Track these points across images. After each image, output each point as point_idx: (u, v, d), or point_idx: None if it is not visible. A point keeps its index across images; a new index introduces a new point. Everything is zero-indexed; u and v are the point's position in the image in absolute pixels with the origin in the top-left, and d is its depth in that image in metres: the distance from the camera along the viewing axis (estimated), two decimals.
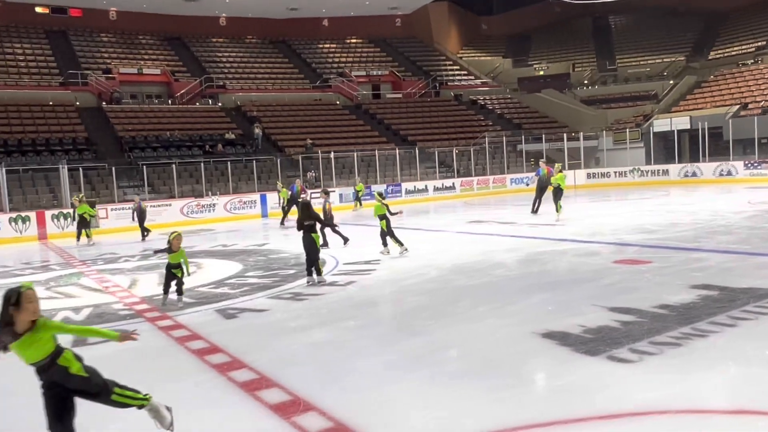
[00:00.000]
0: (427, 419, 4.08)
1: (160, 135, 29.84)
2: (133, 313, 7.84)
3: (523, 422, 3.91)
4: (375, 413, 4.19)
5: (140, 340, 6.54)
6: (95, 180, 25.49)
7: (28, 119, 28.86)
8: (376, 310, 7.54)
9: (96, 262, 13.65)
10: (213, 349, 5.98)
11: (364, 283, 9.07)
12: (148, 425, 3.91)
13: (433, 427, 3.93)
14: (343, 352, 5.74)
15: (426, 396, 4.48)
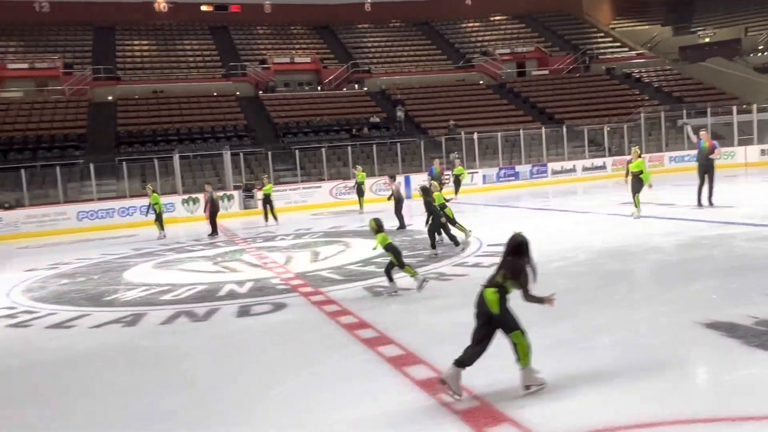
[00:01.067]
0: (579, 407, 3.96)
1: (311, 120, 31.35)
2: (289, 288, 8.39)
3: (682, 417, 3.66)
4: (523, 397, 4.14)
5: (296, 313, 7.05)
6: (253, 164, 27.42)
7: (196, 110, 31.66)
8: None
9: (255, 240, 14.76)
10: (362, 324, 6.24)
11: None
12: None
13: (585, 416, 3.81)
14: None
15: (575, 383, 4.35)
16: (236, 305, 7.57)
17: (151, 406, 4.53)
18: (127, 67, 35.67)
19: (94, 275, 10.99)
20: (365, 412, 4.12)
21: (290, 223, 17.97)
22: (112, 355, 6.03)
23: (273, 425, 4.02)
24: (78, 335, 6.85)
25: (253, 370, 5.19)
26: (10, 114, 29.29)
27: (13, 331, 7.25)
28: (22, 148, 26.62)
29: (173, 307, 7.72)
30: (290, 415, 4.15)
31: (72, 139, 27.69)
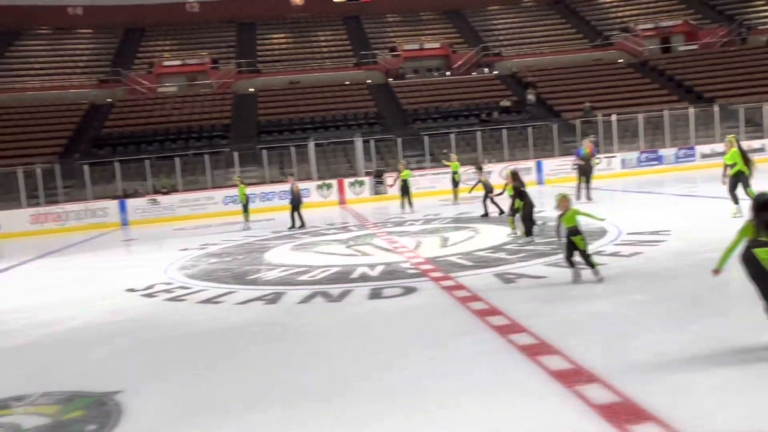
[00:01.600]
0: (744, 417, 3.60)
1: (440, 106, 31.28)
2: (419, 273, 8.46)
3: None
4: (671, 398, 3.86)
5: (426, 297, 7.10)
6: (383, 150, 27.92)
7: (329, 98, 32.76)
8: (664, 283, 6.91)
9: (385, 225, 15.05)
10: (493, 311, 6.15)
11: (652, 254, 8.39)
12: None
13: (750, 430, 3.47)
14: (629, 327, 5.41)
15: (738, 388, 3.96)
16: (368, 288, 7.77)
17: (289, 380, 4.77)
18: (266, 60, 37.67)
19: (238, 255, 11.79)
20: (495, 399, 4.06)
21: (419, 209, 18.11)
22: (255, 330, 6.42)
23: (403, 405, 4.08)
24: (225, 310, 7.39)
25: (385, 351, 5.30)
26: (165, 107, 32.08)
27: (170, 304, 7.97)
28: (176, 138, 29.08)
29: (310, 288, 8.08)
30: (420, 397, 4.19)
31: (218, 129, 29.81)
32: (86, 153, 27.53)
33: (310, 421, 3.96)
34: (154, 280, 9.76)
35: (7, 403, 4.62)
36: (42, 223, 22.61)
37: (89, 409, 4.41)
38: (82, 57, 37.98)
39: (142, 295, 8.64)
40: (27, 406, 4.54)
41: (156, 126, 29.99)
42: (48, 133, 29.30)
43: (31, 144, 28.02)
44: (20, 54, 38.06)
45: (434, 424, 3.77)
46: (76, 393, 4.75)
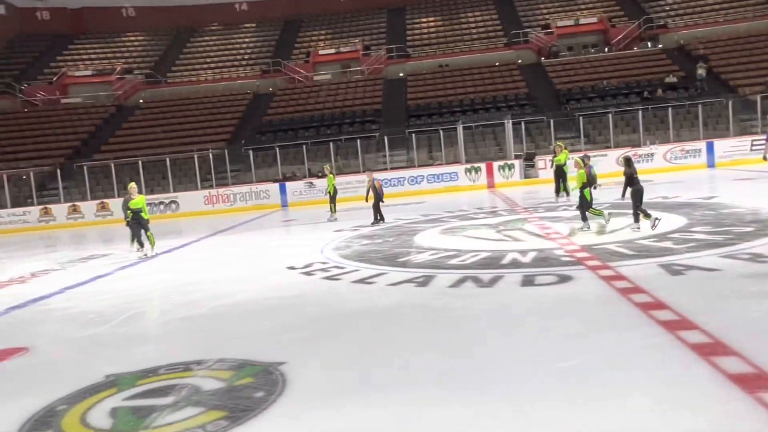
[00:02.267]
0: None
1: (596, 85, 29.62)
2: (574, 260, 8.10)
3: None
4: None
5: (582, 287, 6.78)
6: (534, 132, 27.06)
7: (478, 80, 32.32)
8: None
9: (537, 209, 14.59)
10: (658, 304, 5.72)
11: None
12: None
13: None
14: None
15: None
16: (520, 274, 7.59)
17: (435, 364, 4.80)
18: (416, 44, 37.97)
19: (389, 238, 12.08)
20: (665, 402, 3.77)
21: (573, 193, 17.31)
22: (406, 311, 6.54)
23: (557, 401, 3.93)
24: (377, 291, 7.61)
25: (538, 342, 5.15)
26: (321, 94, 33.60)
27: (327, 282, 8.37)
28: (330, 123, 30.39)
29: (460, 272, 8.07)
30: (575, 394, 4.01)
31: (369, 115, 30.67)
32: (251, 139, 29.69)
33: (458, 404, 3.95)
34: (312, 259, 10.32)
35: (189, 367, 5.14)
36: (213, 203, 24.83)
37: (258, 377, 4.77)
38: (247, 50, 40.88)
39: (301, 273, 9.17)
40: (205, 370, 5.01)
41: (312, 112, 31.54)
42: (219, 121, 32.02)
43: (205, 131, 30.80)
44: (195, 49, 41.84)
45: (591, 421, 3.59)
46: (246, 361, 5.16)
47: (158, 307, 8.07)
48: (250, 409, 4.15)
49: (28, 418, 4.32)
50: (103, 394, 4.68)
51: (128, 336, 6.62)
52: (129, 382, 4.88)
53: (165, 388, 4.67)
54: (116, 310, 7.73)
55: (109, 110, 35.04)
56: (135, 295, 8.75)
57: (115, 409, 4.35)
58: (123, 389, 4.74)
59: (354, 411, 4.04)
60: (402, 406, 4.03)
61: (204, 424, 3.95)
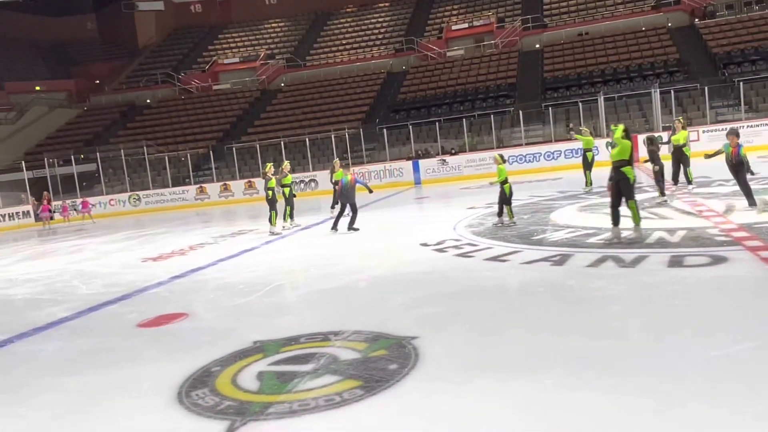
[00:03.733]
0: None
1: (760, 46, 26.59)
2: (731, 240, 7.41)
3: None
4: None
5: (740, 269, 6.20)
6: (686, 101, 24.97)
7: (622, 48, 30.32)
8: None
9: (685, 185, 13.48)
10: None
11: None
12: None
13: None
14: None
15: None
16: (667, 254, 7.08)
17: (569, 346, 4.62)
18: (553, 13, 36.33)
19: (524, 215, 11.79)
20: None
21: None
22: (541, 290, 6.37)
23: (705, 394, 3.63)
24: (511, 269, 7.47)
25: (685, 327, 4.79)
26: (453, 70, 33.29)
27: (460, 260, 8.36)
28: (463, 100, 30.07)
29: (599, 251, 7.69)
30: (728, 386, 3.68)
31: (503, 89, 29.94)
32: (385, 118, 30.21)
33: (591, 391, 3.79)
34: (445, 236, 10.34)
35: (327, 337, 5.40)
36: None
37: (391, 349, 4.90)
38: (381, 29, 41.42)
39: (434, 250, 9.23)
40: (342, 341, 5.23)
41: (445, 89, 31.37)
42: (354, 101, 32.91)
43: (342, 111, 31.81)
44: (332, 32, 43.16)
45: (743, 419, 3.29)
46: (380, 334, 5.32)
47: (299, 279, 8.53)
48: (384, 380, 4.28)
49: (188, 376, 4.78)
50: (251, 358, 5.06)
51: (272, 306, 7.08)
52: (274, 349, 5.22)
53: (306, 355, 4.95)
54: (262, 282, 8.28)
55: (254, 94, 37.28)
56: (278, 268, 9.32)
57: (262, 373, 4.69)
58: (268, 355, 5.09)
59: (484, 389, 4.02)
60: (532, 388, 3.95)
61: (341, 392, 4.13)
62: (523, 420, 3.53)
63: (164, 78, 40.20)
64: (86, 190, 29.25)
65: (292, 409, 3.96)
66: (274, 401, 4.11)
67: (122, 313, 7.34)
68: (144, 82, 40.99)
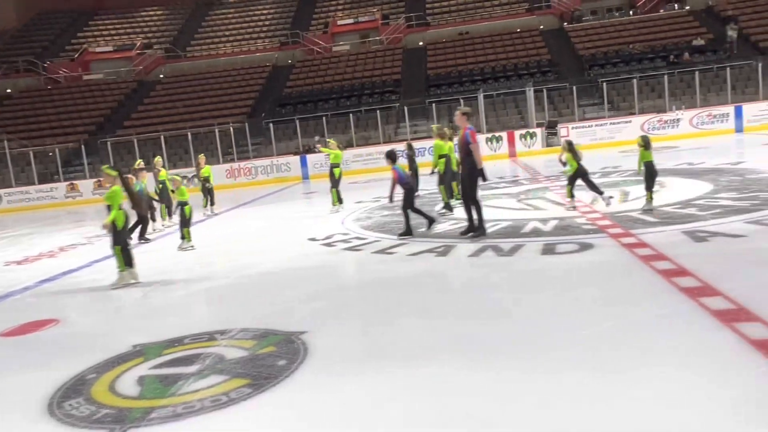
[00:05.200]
0: None
1: (621, 50, 28.94)
2: (596, 228, 8.03)
3: None
4: None
5: (604, 255, 6.73)
6: (557, 100, 26.62)
7: (499, 48, 31.78)
8: None
9: (559, 178, 14.42)
10: (681, 271, 5.66)
11: None
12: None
13: None
14: None
15: None
16: (541, 243, 7.56)
17: (455, 332, 4.82)
18: (435, 12, 37.36)
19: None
20: (687, 369, 3.75)
21: (596, 161, 17.08)
22: (426, 281, 6.57)
23: (579, 369, 3.93)
24: (397, 261, 7.64)
25: (559, 310, 5.14)
26: (340, 65, 33.36)
27: (348, 253, 8.43)
28: (349, 95, 30.21)
29: (480, 241, 8.05)
30: (597, 362, 4.01)
31: (389, 85, 30.41)
32: (271, 112, 29.70)
33: (476, 372, 3.98)
34: (333, 230, 10.38)
35: (213, 336, 5.25)
36: (235, 177, 25.00)
37: (279, 345, 4.85)
38: (265, 22, 40.62)
39: (322, 245, 9.23)
40: (229, 340, 5.11)
41: (331, 84, 31.36)
42: (239, 94, 32.04)
43: (225, 105, 30.87)
44: (214, 22, 41.71)
45: (615, 388, 3.60)
46: (268, 331, 5.25)
47: (182, 278, 8.21)
48: (272, 376, 4.23)
49: (60, 386, 4.46)
50: (130, 363, 4.81)
51: (154, 307, 6.77)
52: (155, 352, 5.00)
53: (190, 357, 4.78)
54: (143, 282, 7.88)
55: (131, 86, 35.26)
56: (160, 267, 8.91)
57: (143, 378, 4.47)
58: (150, 358, 4.86)
59: (373, 378, 4.09)
60: (421, 374, 4.07)
61: (228, 392, 4.04)
62: (412, 407, 3.63)
63: (26, 66, 36.96)
64: None
65: (176, 413, 3.82)
66: (156, 406, 3.94)
67: None
68: (3, 70, 37.48)
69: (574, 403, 3.45)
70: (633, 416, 3.24)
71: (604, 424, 3.19)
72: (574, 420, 3.26)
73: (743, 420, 3.11)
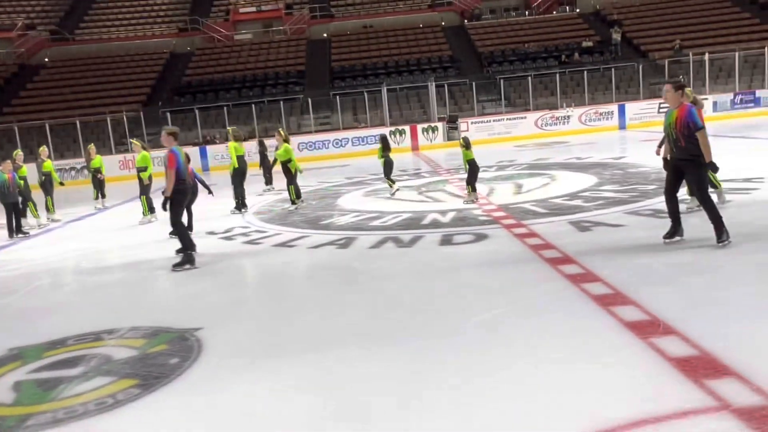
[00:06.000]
0: None
1: (517, 48, 30.13)
2: (491, 219, 8.35)
3: None
4: (754, 354, 3.67)
5: (497, 245, 7.01)
6: (457, 95, 27.34)
7: (402, 42, 32.18)
8: (755, 235, 6.50)
9: (459, 171, 14.85)
10: (566, 259, 6.00)
11: (742, 203, 7.90)
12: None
13: None
14: (707, 278, 5.16)
15: None
16: (439, 234, 7.76)
17: (356, 323, 4.87)
18: (339, 4, 37.22)
19: (312, 201, 12.01)
20: (568, 350, 3.99)
21: (493, 155, 17.75)
22: (327, 273, 6.57)
23: (473, 349, 4.08)
24: (299, 254, 7.59)
25: (454, 298, 5.30)
26: (242, 54, 32.51)
27: (247, 247, 8.26)
28: (252, 85, 29.53)
29: (381, 233, 8.15)
30: (490, 343, 4.18)
31: (293, 76, 30.01)
32: (168, 101, 28.48)
33: (376, 360, 4.04)
34: (233, 224, 10.13)
35: (99, 336, 4.98)
36: (130, 168, 23.76)
37: (172, 343, 4.68)
38: (162, 6, 38.83)
39: (221, 238, 9.00)
40: (117, 339, 4.87)
41: (233, 73, 30.52)
42: (133, 81, 30.45)
43: (118, 92, 29.25)
44: (105, 5, 39.34)
45: (504, 370, 3.76)
46: (160, 328, 5.05)
47: (67, 276, 7.73)
48: (163, 375, 4.08)
49: None
50: (5, 368, 4.48)
51: (35, 307, 6.33)
52: (34, 355, 4.68)
53: (73, 359, 4.52)
54: (24, 281, 7.35)
55: (11, 69, 32.60)
56: (43, 264, 8.34)
57: (19, 383, 4.17)
58: (28, 362, 4.55)
59: (271, 374, 4.05)
60: (321, 366, 4.07)
61: (114, 393, 3.85)
62: (312, 400, 3.62)
63: None
64: None
65: (57, 418, 3.59)
66: (34, 412, 3.69)
67: None
68: None
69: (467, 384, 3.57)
70: (519, 395, 3.40)
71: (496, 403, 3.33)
72: (473, 401, 3.38)
73: (618, 395, 3.35)
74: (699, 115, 6.06)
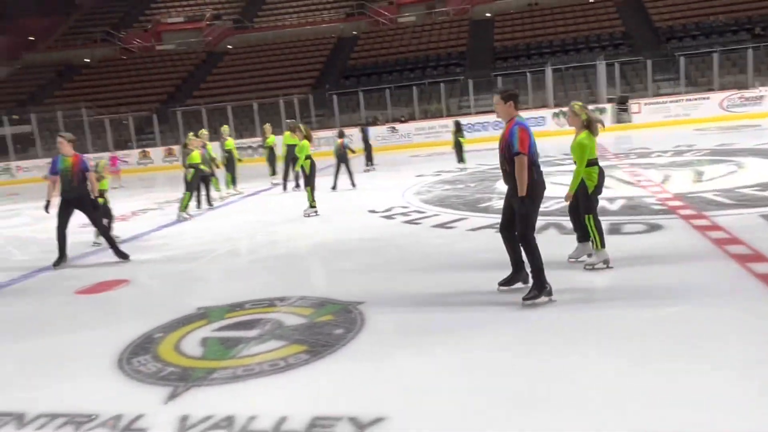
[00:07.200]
0: None
1: (701, 21, 27.35)
2: (666, 209, 7.70)
3: None
4: None
5: (674, 237, 6.45)
6: (630, 74, 25.54)
7: (570, 20, 30.62)
8: None
9: (628, 156, 13.90)
10: (758, 256, 5.37)
11: None
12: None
13: None
14: None
15: None
16: (606, 222, 7.29)
17: (514, 309, 4.75)
18: None
19: (470, 183, 11.92)
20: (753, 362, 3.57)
21: (669, 139, 16.35)
22: (485, 256, 6.48)
23: (660, 353, 3.81)
24: (457, 235, 7.58)
25: (626, 291, 4.97)
26: (405, 37, 33.00)
27: (407, 226, 8.42)
28: (413, 67, 29.90)
29: (542, 219, 7.82)
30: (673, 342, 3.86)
31: (454, 57, 29.90)
32: (335, 84, 29.78)
33: (535, 354, 3.92)
34: (393, 203, 10.38)
35: (272, 302, 5.37)
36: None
37: (337, 314, 4.91)
38: None
39: (381, 217, 9.26)
40: (288, 306, 5.22)
41: (396, 56, 31.11)
42: (304, 65, 32.25)
43: (291, 76, 31.16)
44: None
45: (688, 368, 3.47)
46: (326, 300, 5.32)
47: (244, 246, 8.42)
48: (329, 344, 4.29)
49: (129, 343, 4.68)
50: (194, 324, 4.99)
51: (217, 272, 6.98)
52: (218, 315, 5.16)
53: (250, 321, 4.91)
54: (207, 248, 8.14)
55: (200, 56, 36.06)
56: (224, 234, 9.17)
57: (206, 339, 4.63)
58: (213, 321, 5.03)
59: (428, 352, 4.09)
60: (473, 350, 4.04)
61: (286, 357, 4.13)
62: (469, 385, 3.62)
63: (104, 36, 38.35)
64: (20, 153, 27.91)
65: (236, 375, 3.94)
66: (217, 367, 4.08)
67: (59, 280, 7.10)
68: (82, 41, 39.05)
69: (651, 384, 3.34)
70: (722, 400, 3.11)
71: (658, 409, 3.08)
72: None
73: None
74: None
